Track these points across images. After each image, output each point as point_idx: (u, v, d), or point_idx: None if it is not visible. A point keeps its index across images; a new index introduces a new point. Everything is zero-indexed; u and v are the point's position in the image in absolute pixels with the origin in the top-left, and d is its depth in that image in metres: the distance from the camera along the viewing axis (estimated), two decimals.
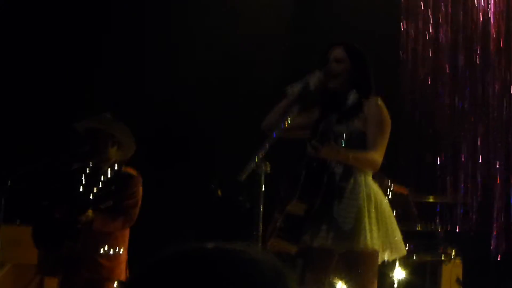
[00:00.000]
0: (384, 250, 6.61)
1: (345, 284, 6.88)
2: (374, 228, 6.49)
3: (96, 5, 11.46)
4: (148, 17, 11.66)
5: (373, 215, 6.53)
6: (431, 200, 11.01)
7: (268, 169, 6.53)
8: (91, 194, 7.88)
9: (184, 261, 1.42)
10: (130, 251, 8.08)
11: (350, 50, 6.85)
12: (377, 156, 6.55)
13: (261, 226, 6.55)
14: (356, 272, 6.59)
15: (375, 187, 6.72)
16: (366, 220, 6.48)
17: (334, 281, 7.68)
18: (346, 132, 6.44)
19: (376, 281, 6.69)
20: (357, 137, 6.56)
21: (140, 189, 8.05)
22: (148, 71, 11.28)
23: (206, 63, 11.35)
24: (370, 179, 6.69)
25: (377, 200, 6.64)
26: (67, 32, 11.23)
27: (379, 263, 6.75)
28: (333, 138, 6.36)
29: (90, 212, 7.69)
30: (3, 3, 10.88)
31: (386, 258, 6.79)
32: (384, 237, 6.56)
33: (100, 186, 7.93)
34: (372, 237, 6.45)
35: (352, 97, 6.42)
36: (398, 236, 6.69)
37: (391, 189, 9.90)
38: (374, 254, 6.56)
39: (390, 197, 9.73)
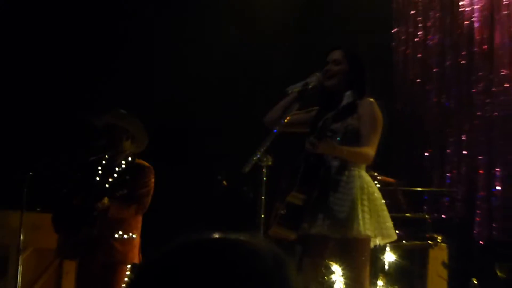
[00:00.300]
0: (376, 236, 6.57)
1: (340, 267, 6.88)
2: (367, 216, 6.47)
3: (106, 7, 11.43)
4: (155, 19, 11.60)
5: (365, 204, 6.51)
6: (419, 190, 11.03)
7: (270, 162, 6.63)
8: (106, 184, 7.89)
9: (192, 250, 1.39)
10: (143, 236, 8.06)
11: (348, 53, 6.86)
12: (370, 150, 6.53)
13: (263, 214, 6.58)
14: (350, 257, 6.57)
15: (368, 179, 6.70)
16: (359, 209, 6.46)
17: (330, 265, 7.69)
18: (341, 130, 6.49)
19: (368, 265, 6.68)
20: (352, 133, 6.55)
21: (152, 179, 8.04)
22: (159, 71, 11.24)
23: (212, 63, 11.34)
24: (363, 171, 6.67)
25: (370, 190, 6.61)
26: (86, 31, 11.21)
27: (372, 247, 6.75)
28: (330, 135, 6.40)
29: (106, 200, 7.67)
30: (3, 3, 10.68)
31: (378, 243, 6.77)
32: (376, 224, 6.53)
33: (115, 176, 7.94)
34: (364, 224, 6.42)
35: (347, 97, 6.45)
36: (389, 222, 6.65)
37: (377, 180, 9.93)
38: (366, 239, 6.53)
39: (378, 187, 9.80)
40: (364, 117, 6.59)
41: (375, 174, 9.84)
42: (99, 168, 8.04)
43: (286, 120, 6.73)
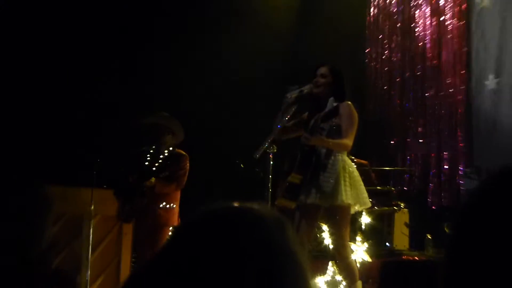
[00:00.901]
0: (355, 204, 6.66)
1: (328, 228, 6.92)
2: (348, 189, 6.57)
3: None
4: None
5: (347, 180, 6.61)
6: (387, 169, 11.01)
7: (275, 150, 6.65)
8: (153, 168, 7.93)
9: (210, 215, 1.39)
10: (181, 206, 8.10)
11: (332, 69, 6.92)
12: (348, 141, 6.62)
13: (270, 189, 6.61)
14: (335, 220, 6.64)
15: (348, 161, 6.82)
16: (342, 184, 6.57)
17: (321, 226, 7.71)
18: (327, 127, 6.54)
19: (349, 225, 6.81)
20: (335, 129, 6.62)
21: (188, 164, 8.09)
22: (188, 78, 11.17)
23: (230, 71, 11.32)
24: (345, 156, 6.78)
25: (350, 170, 6.73)
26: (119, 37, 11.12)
27: (352, 213, 6.83)
28: (319, 131, 6.53)
29: (153, 179, 7.76)
30: (3, 3, 10.40)
31: (356, 209, 6.85)
32: (355, 195, 6.62)
33: (160, 162, 7.98)
34: (346, 196, 6.53)
35: (331, 102, 6.60)
36: (365, 194, 6.75)
37: (354, 162, 9.92)
38: (348, 207, 6.63)
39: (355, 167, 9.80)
40: (343, 116, 6.65)
41: (352, 157, 9.86)
42: (147, 156, 8.08)
43: (287, 118, 6.79)
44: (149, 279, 1.34)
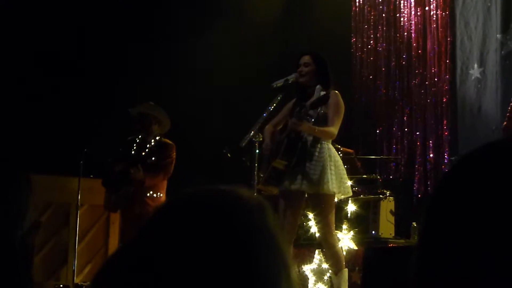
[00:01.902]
0: (339, 193, 6.65)
1: (313, 216, 6.91)
2: (333, 178, 6.55)
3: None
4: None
5: (332, 169, 6.59)
6: (372, 157, 11.02)
7: (261, 138, 6.64)
8: (140, 155, 7.93)
9: (191, 197, 1.38)
10: (167, 195, 8.11)
11: (315, 56, 6.91)
12: (334, 130, 6.62)
13: (256, 176, 6.59)
14: (321, 208, 6.62)
15: (333, 150, 6.79)
16: (328, 172, 6.54)
17: (307, 213, 7.71)
18: (315, 115, 6.55)
19: (333, 213, 6.78)
20: (322, 117, 6.63)
21: (174, 153, 8.11)
22: (177, 73, 11.16)
23: (218, 64, 11.31)
24: (330, 145, 6.76)
25: (335, 159, 6.71)
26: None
27: (337, 200, 6.84)
28: (307, 118, 6.50)
29: (139, 166, 7.76)
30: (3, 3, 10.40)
31: (339, 198, 6.92)
32: (339, 184, 6.60)
33: (147, 150, 7.98)
34: (332, 184, 6.51)
35: (317, 90, 6.56)
36: (347, 183, 6.76)
37: (340, 150, 9.93)
38: (333, 195, 6.63)
39: (340, 155, 9.80)
40: (331, 105, 6.64)
41: (338, 146, 9.87)
42: (134, 145, 8.08)
43: (272, 107, 6.78)
44: (127, 262, 1.33)
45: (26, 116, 10.01)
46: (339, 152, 9.70)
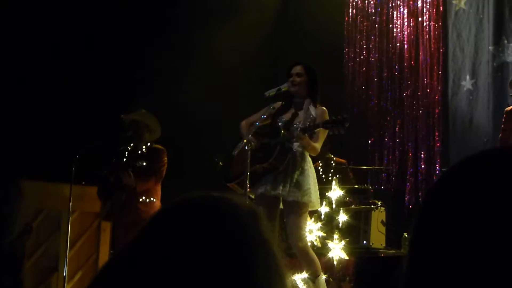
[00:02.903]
0: (316, 204, 6.88)
1: (286, 221, 6.96)
2: (313, 188, 6.76)
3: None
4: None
5: (312, 180, 6.80)
6: (364, 167, 11.04)
7: (253, 147, 6.65)
8: (132, 163, 7.95)
9: (184, 203, 1.38)
10: (162, 200, 8.13)
11: (307, 67, 7.03)
12: (319, 146, 6.77)
13: (248, 184, 6.59)
14: (296, 215, 6.74)
15: (311, 162, 6.95)
16: (312, 183, 6.74)
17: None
18: (309, 132, 6.69)
19: (306, 222, 6.88)
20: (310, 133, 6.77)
21: (166, 157, 8.15)
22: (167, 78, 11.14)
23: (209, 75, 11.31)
24: (309, 156, 6.90)
25: (313, 170, 6.92)
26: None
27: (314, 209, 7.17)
28: (298, 130, 6.67)
29: (130, 172, 7.81)
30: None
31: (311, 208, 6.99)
32: (316, 195, 6.81)
33: (138, 157, 7.99)
34: (313, 195, 6.73)
35: (306, 103, 6.83)
36: (318, 194, 6.93)
37: (333, 160, 9.97)
38: (308, 204, 6.75)
39: (333, 165, 9.83)
40: (317, 121, 6.75)
41: (331, 156, 9.91)
42: (126, 153, 8.09)
43: (264, 116, 6.92)
44: (123, 267, 1.33)
45: (18, 122, 9.97)
46: (332, 162, 9.81)
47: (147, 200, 7.92)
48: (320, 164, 9.95)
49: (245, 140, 6.62)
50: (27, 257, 7.94)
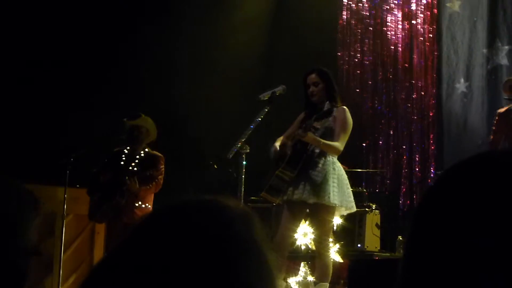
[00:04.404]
0: (341, 207, 6.66)
1: (311, 226, 6.92)
2: (336, 190, 6.56)
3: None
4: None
5: (335, 181, 6.60)
6: (358, 170, 11.03)
7: (247, 150, 6.58)
8: (130, 167, 7.93)
9: (174, 207, 1.37)
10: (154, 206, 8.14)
11: (320, 73, 6.92)
12: (339, 145, 6.65)
13: (243, 187, 6.55)
14: (319, 219, 6.66)
15: (338, 165, 6.79)
16: (331, 184, 6.56)
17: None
18: (322, 129, 6.57)
19: (331, 226, 6.94)
20: (329, 131, 6.68)
21: (163, 165, 8.11)
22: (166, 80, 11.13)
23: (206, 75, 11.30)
24: (335, 159, 6.76)
25: (339, 173, 6.73)
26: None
27: (337, 216, 7.05)
28: (313, 130, 6.49)
29: (136, 178, 7.83)
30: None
31: (342, 213, 6.95)
32: (342, 197, 6.60)
33: (136, 162, 8.00)
34: (334, 196, 6.52)
35: (326, 106, 6.64)
36: (351, 198, 6.76)
37: None
38: (333, 207, 6.60)
39: None
40: (338, 120, 6.69)
41: None
42: (123, 156, 8.08)
43: (259, 119, 6.71)
44: (110, 271, 1.32)
45: (12, 125, 9.96)
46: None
47: (143, 205, 7.95)
48: None
49: (239, 144, 6.55)
50: None
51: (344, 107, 6.80)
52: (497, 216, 1.09)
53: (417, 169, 11.15)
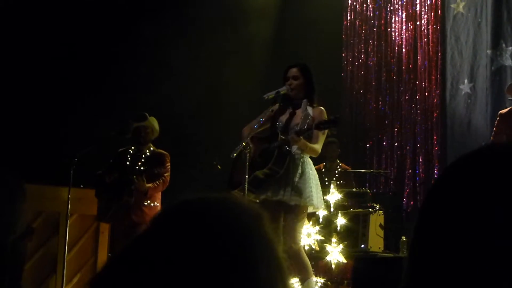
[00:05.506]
0: (316, 207, 6.67)
1: (284, 222, 6.90)
2: (314, 191, 6.56)
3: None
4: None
5: (314, 182, 6.61)
6: (362, 171, 11.03)
7: (251, 149, 6.58)
8: (136, 167, 7.96)
9: (187, 205, 1.37)
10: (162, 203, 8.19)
11: (302, 69, 6.89)
12: (319, 147, 6.59)
13: (246, 186, 6.54)
14: (292, 216, 6.59)
15: (311, 163, 6.77)
16: (313, 186, 6.56)
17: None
18: (305, 133, 6.47)
19: (303, 224, 6.78)
20: (309, 133, 6.59)
21: (169, 162, 8.14)
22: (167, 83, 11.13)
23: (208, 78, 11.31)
24: (309, 158, 6.73)
25: (314, 172, 6.73)
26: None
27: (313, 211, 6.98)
28: (293, 132, 6.46)
29: (143, 177, 7.85)
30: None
31: (311, 210, 6.85)
32: (317, 197, 6.59)
33: (143, 161, 8.02)
34: (314, 197, 6.52)
35: (304, 104, 6.65)
36: (321, 195, 6.76)
37: (339, 165, 10.02)
38: (307, 207, 6.61)
39: (339, 171, 9.88)
40: (315, 121, 6.58)
41: (338, 161, 10.01)
42: (128, 156, 8.10)
43: (262, 120, 6.80)
44: (121, 270, 1.32)
45: (17, 126, 9.97)
46: (338, 167, 9.85)
47: (152, 204, 7.99)
48: (324, 165, 10.00)
49: (243, 144, 6.55)
50: (26, 260, 7.95)
51: (322, 107, 6.73)
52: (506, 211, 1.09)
53: (420, 169, 11.14)
